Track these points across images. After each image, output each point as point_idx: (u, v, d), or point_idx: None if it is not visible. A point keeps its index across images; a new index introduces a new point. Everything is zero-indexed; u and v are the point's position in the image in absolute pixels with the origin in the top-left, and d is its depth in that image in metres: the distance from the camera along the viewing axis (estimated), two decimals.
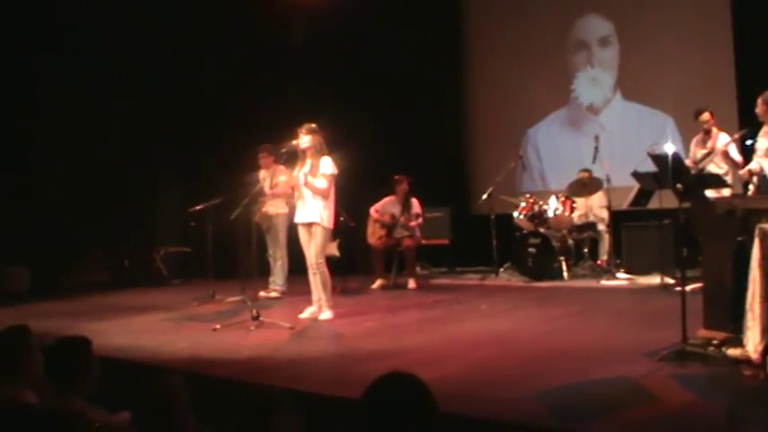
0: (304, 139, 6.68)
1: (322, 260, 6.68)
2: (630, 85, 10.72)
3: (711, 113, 7.80)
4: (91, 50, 10.18)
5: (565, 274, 9.18)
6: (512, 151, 10.58)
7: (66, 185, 10.28)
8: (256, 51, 10.85)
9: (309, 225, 6.69)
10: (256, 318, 6.36)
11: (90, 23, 10.12)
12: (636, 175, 5.36)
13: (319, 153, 6.67)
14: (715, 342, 4.63)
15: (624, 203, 9.00)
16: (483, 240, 10.10)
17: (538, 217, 9.47)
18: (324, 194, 6.63)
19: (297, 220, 6.82)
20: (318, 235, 6.62)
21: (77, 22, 10.06)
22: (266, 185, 8.24)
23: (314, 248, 6.65)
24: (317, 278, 6.73)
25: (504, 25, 11.85)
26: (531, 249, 9.31)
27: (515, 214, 9.63)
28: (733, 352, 4.43)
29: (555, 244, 9.26)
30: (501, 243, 9.86)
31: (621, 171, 9.04)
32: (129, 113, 10.43)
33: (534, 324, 6.30)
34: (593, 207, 9.73)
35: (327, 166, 6.65)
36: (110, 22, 10.21)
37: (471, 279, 9.98)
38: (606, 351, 4.98)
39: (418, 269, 10.24)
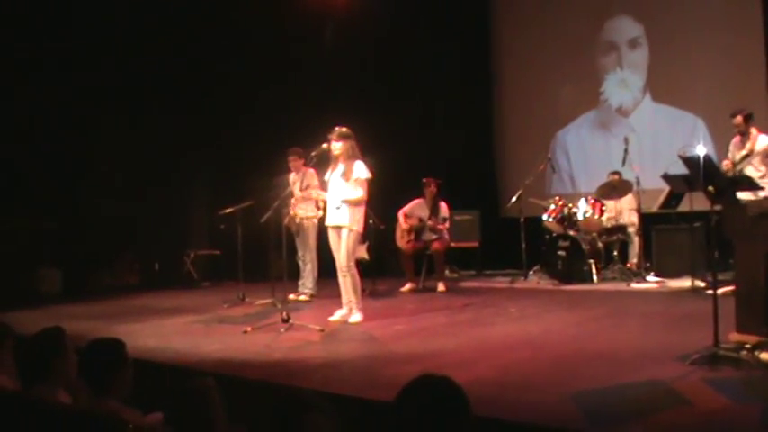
0: (336, 146, 6.68)
1: (352, 263, 6.69)
2: (660, 87, 10.62)
3: (747, 116, 7.60)
4: (123, 48, 10.31)
5: (594, 277, 9.12)
6: (541, 154, 10.54)
7: (96, 188, 10.42)
8: (288, 54, 10.90)
9: (339, 228, 6.70)
10: (286, 320, 6.39)
11: (125, 22, 10.25)
12: (666, 177, 5.32)
13: (352, 157, 6.67)
14: (747, 346, 4.56)
15: (654, 206, 8.96)
16: (512, 243, 10.07)
17: (567, 219, 9.42)
18: (362, 200, 6.65)
19: (327, 222, 6.84)
20: (348, 238, 6.63)
21: (111, 22, 10.19)
22: (296, 188, 8.28)
23: (344, 251, 6.66)
24: (346, 281, 6.74)
25: (533, 27, 11.81)
26: (560, 252, 9.27)
27: (544, 217, 9.59)
28: (766, 356, 4.38)
29: (584, 247, 9.20)
30: (530, 246, 9.83)
31: (651, 173, 8.99)
32: (160, 115, 10.53)
33: (564, 327, 6.27)
34: (623, 210, 9.66)
35: (361, 170, 6.65)
36: (143, 21, 10.33)
37: (500, 282, 9.95)
38: (637, 354, 4.94)
39: (447, 272, 10.23)
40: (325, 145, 6.73)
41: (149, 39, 10.36)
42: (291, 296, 8.33)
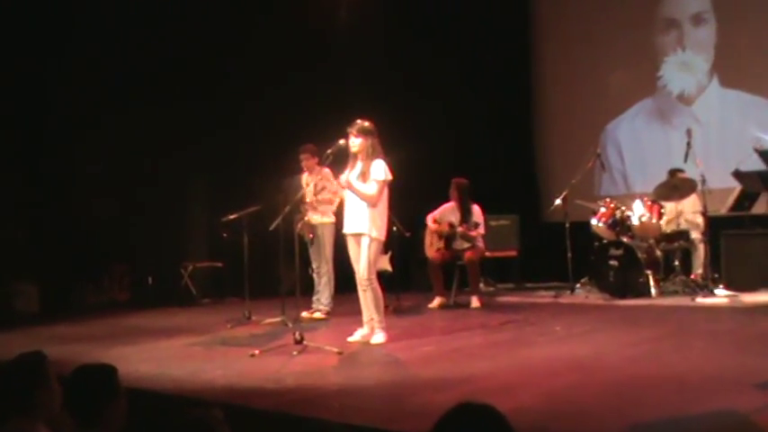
0: (354, 142, 6.67)
1: (372, 276, 6.68)
2: (729, 70, 10.53)
3: None
4: (106, 47, 10.38)
5: (653, 290, 9.04)
6: (588, 149, 10.47)
7: (80, 193, 10.49)
8: (299, 39, 10.94)
9: (358, 236, 6.69)
10: (300, 341, 6.38)
11: (104, 22, 10.33)
12: (738, 174, 5.27)
13: (372, 156, 6.67)
14: None
15: (723, 208, 8.90)
16: (556, 252, 10.03)
17: (620, 224, 9.35)
18: (370, 201, 6.62)
19: (345, 230, 6.84)
20: (368, 247, 6.62)
21: (91, 23, 10.28)
22: (309, 191, 8.29)
23: (363, 262, 6.65)
24: (366, 296, 6.72)
25: (578, 4, 11.77)
26: (612, 262, 9.20)
27: (593, 221, 9.53)
28: None
29: (640, 255, 9.13)
30: (577, 255, 9.77)
31: (719, 170, 8.94)
32: (151, 109, 10.58)
33: (618, 348, 6.21)
34: (686, 212, 9.57)
35: (379, 170, 6.64)
36: (127, 17, 10.41)
37: (543, 296, 9.92)
38: (706, 380, 4.88)
39: (482, 285, 10.19)
40: (342, 141, 6.73)
41: (130, 29, 10.44)
42: (305, 314, 8.31)
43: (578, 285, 9.83)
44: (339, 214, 7.51)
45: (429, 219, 9.58)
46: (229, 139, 10.96)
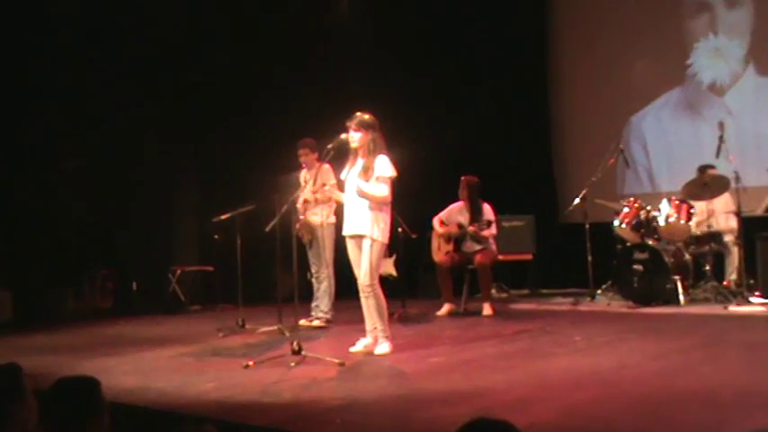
0: (354, 137, 6.66)
1: (375, 281, 6.66)
2: (767, 56, 10.49)
3: None
4: (90, 42, 10.40)
5: (681, 297, 9.03)
6: (611, 144, 10.45)
7: (58, 192, 10.48)
8: (297, 27, 10.94)
9: (359, 238, 6.68)
10: (298, 352, 6.37)
11: (86, 15, 10.36)
12: None
13: (373, 152, 6.65)
14: None
15: (759, 208, 8.87)
16: (575, 255, 10.03)
17: (645, 226, 9.34)
18: (385, 201, 6.62)
19: (344, 231, 6.83)
20: (370, 250, 6.60)
21: (73, 16, 10.31)
22: (308, 189, 8.27)
23: (365, 266, 6.63)
24: (369, 303, 6.71)
25: None
26: (636, 267, 9.19)
27: (616, 222, 9.52)
28: None
29: (667, 260, 9.11)
30: (598, 259, 9.77)
31: (754, 166, 8.93)
32: (137, 105, 10.59)
33: (644, 360, 6.19)
34: (717, 213, 9.55)
35: (384, 167, 6.61)
36: (111, 11, 10.43)
37: (561, 304, 9.93)
38: (742, 395, 4.85)
39: (494, 291, 10.20)
40: (344, 135, 6.72)
41: (124, 18, 10.45)
42: (303, 322, 8.31)
43: (599, 292, 9.82)
44: (340, 214, 7.51)
45: (435, 221, 9.56)
46: (221, 134, 10.96)
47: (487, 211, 9.42)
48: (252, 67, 10.91)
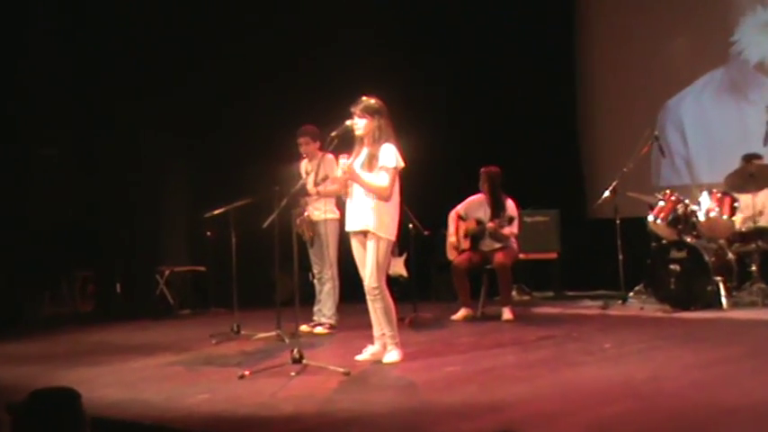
0: (359, 123, 6.67)
1: (382, 282, 6.65)
2: None
3: None
4: (69, 25, 10.44)
5: (723, 300, 9.01)
6: (644, 131, 10.42)
7: (33, 184, 10.49)
8: (301, 7, 10.95)
9: (363, 234, 6.69)
10: (298, 360, 6.38)
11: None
12: None
13: (380, 140, 6.65)
14: None
15: None
16: (605, 254, 10.03)
17: (683, 221, 9.32)
18: (382, 193, 6.59)
19: (348, 227, 6.83)
20: (375, 248, 6.59)
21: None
22: (310, 181, 8.28)
23: (370, 266, 6.61)
24: (376, 307, 6.71)
25: None
26: (673, 266, 9.16)
27: (650, 218, 9.51)
28: None
29: (708, 259, 9.09)
30: (630, 257, 9.77)
31: None
32: (121, 87, 10.60)
33: (681, 371, 6.18)
34: (765, 207, 9.52)
35: (389, 156, 6.60)
36: None
37: (589, 307, 9.93)
38: None
39: (515, 294, 10.20)
40: (349, 122, 6.72)
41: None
42: (304, 327, 8.33)
43: (631, 294, 9.82)
44: (344, 208, 7.51)
45: (452, 215, 9.56)
46: (214, 122, 10.97)
47: (510, 206, 9.38)
48: (247, 49, 10.91)
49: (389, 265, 7.14)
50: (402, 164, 6.66)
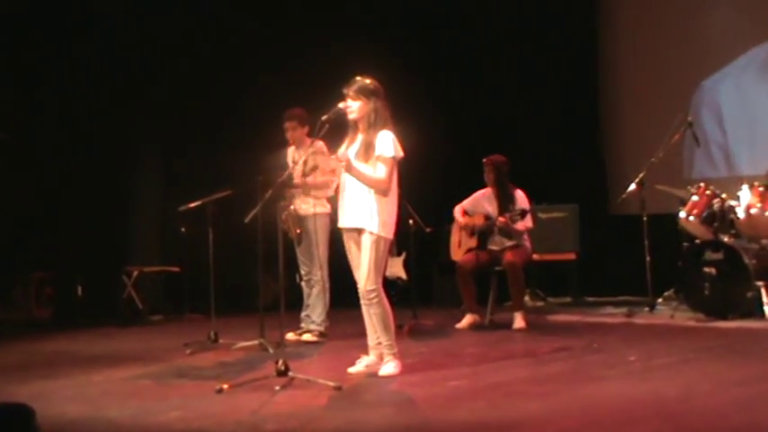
0: (353, 106, 6.67)
1: (377, 285, 6.66)
2: None
3: None
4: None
5: (765, 308, 9.02)
6: (676, 116, 10.42)
7: None
8: None
9: (357, 232, 6.69)
10: (284, 373, 6.38)
11: None
12: None
13: (376, 125, 6.64)
14: None
15: None
16: (630, 255, 10.04)
17: (719, 218, 9.33)
18: (381, 186, 6.59)
19: (340, 223, 6.83)
20: (370, 247, 6.60)
21: None
22: (297, 171, 8.27)
23: (364, 267, 6.63)
24: (371, 312, 6.71)
25: None
26: (708, 269, 9.18)
27: (682, 214, 9.52)
28: None
29: (748, 261, 9.10)
30: (659, 259, 9.78)
31: None
32: (83, 67, 10.59)
33: (718, 388, 6.17)
34: None
35: (386, 145, 6.59)
36: None
37: (612, 315, 9.97)
38: None
39: (528, 299, 10.21)
40: (341, 105, 6.71)
41: None
42: (291, 335, 8.35)
43: (660, 301, 9.86)
44: (334, 202, 7.50)
45: (457, 210, 9.57)
46: (190, 106, 10.96)
47: (521, 198, 9.41)
48: (231, 24, 10.91)
49: (387, 266, 7.12)
50: (401, 153, 6.66)
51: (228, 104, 10.82)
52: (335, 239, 7.45)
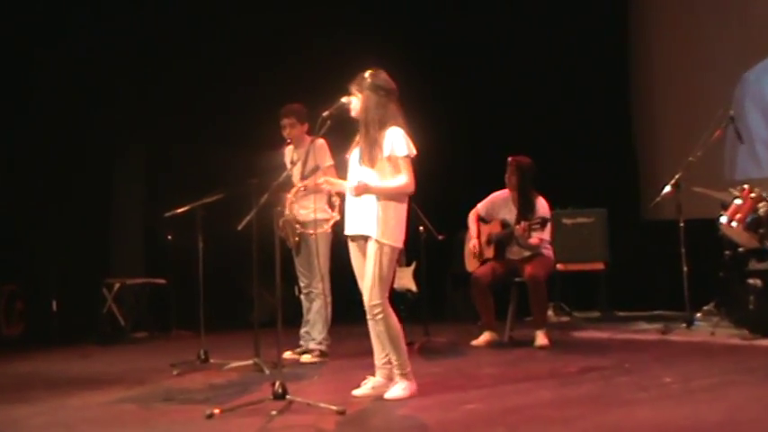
0: (356, 103, 6.69)
1: (381, 300, 6.63)
2: None
3: None
4: None
5: None
6: (715, 111, 10.43)
7: None
8: None
9: (363, 240, 6.69)
10: (281, 396, 6.38)
11: None
12: None
13: (382, 123, 6.62)
14: None
15: None
16: (664, 264, 10.03)
17: (765, 224, 9.32)
18: (407, 191, 6.58)
19: (346, 230, 6.81)
20: (376, 257, 6.59)
21: None
22: (296, 173, 8.28)
23: (369, 278, 6.62)
24: (378, 329, 6.69)
25: None
26: (752, 281, 9.18)
27: (723, 219, 9.51)
28: None
29: None
30: (697, 269, 9.78)
31: None
32: (59, 66, 10.62)
33: (764, 413, 6.18)
34: None
35: (396, 143, 6.56)
36: None
37: (645, 331, 9.97)
38: None
39: (551, 314, 10.20)
40: (346, 99, 6.71)
41: None
42: (289, 354, 8.37)
43: (699, 315, 9.84)
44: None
45: (471, 216, 9.57)
46: (177, 98, 10.99)
47: (542, 207, 9.40)
48: (217, 14, 10.95)
49: (395, 277, 7.12)
50: (414, 151, 6.62)
51: (219, 99, 10.84)
52: (338, 247, 7.45)
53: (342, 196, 6.97)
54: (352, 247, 6.82)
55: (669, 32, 11.99)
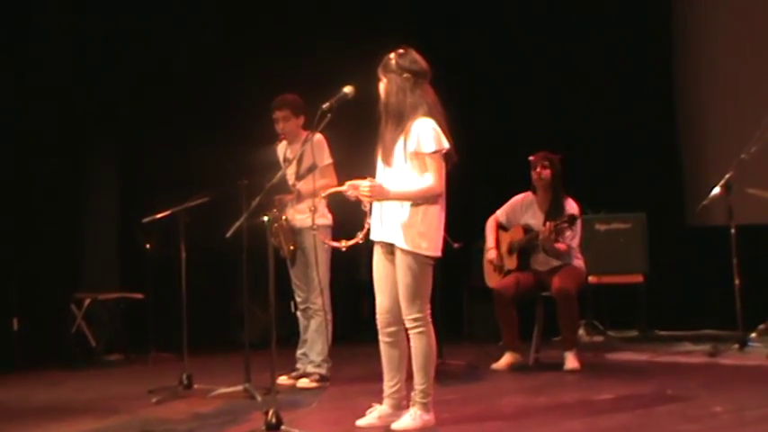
0: (380, 88, 6.66)
1: (423, 314, 6.59)
2: None
3: None
4: None
5: None
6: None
7: None
8: None
9: (391, 247, 6.67)
10: (275, 427, 6.43)
11: None
12: None
13: (409, 112, 6.57)
14: None
15: None
16: (713, 277, 10.03)
17: None
18: (433, 194, 6.55)
19: (373, 236, 6.72)
20: (404, 269, 6.56)
21: None
22: (291, 173, 8.32)
23: (404, 290, 6.58)
24: (415, 344, 6.59)
25: None
26: None
27: None
28: None
29: None
30: (751, 283, 9.78)
31: None
32: (23, 63, 10.70)
33: None
34: None
35: (425, 137, 6.47)
36: None
37: (691, 353, 9.97)
38: None
39: (583, 333, 10.23)
40: (348, 89, 6.69)
41: None
42: (284, 379, 8.40)
43: (754, 335, 9.84)
44: (338, 210, 7.55)
45: (490, 224, 9.60)
46: (154, 90, 11.04)
47: (571, 208, 9.37)
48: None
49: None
50: (446, 145, 6.52)
51: (202, 91, 10.86)
52: (338, 257, 7.48)
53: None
54: (377, 251, 6.77)
55: (719, 21, 12.01)
